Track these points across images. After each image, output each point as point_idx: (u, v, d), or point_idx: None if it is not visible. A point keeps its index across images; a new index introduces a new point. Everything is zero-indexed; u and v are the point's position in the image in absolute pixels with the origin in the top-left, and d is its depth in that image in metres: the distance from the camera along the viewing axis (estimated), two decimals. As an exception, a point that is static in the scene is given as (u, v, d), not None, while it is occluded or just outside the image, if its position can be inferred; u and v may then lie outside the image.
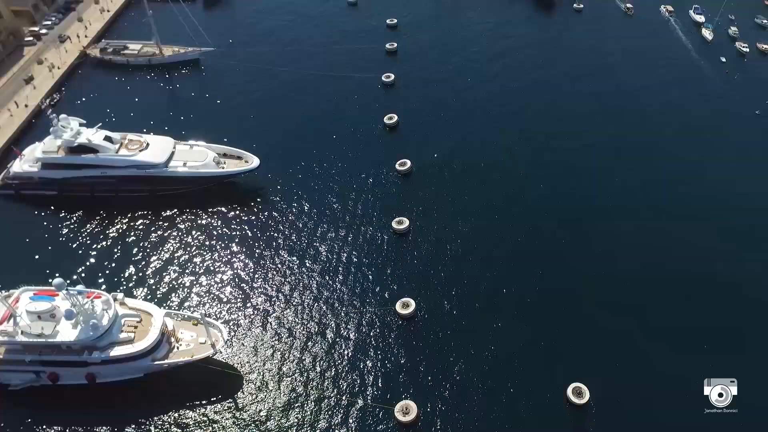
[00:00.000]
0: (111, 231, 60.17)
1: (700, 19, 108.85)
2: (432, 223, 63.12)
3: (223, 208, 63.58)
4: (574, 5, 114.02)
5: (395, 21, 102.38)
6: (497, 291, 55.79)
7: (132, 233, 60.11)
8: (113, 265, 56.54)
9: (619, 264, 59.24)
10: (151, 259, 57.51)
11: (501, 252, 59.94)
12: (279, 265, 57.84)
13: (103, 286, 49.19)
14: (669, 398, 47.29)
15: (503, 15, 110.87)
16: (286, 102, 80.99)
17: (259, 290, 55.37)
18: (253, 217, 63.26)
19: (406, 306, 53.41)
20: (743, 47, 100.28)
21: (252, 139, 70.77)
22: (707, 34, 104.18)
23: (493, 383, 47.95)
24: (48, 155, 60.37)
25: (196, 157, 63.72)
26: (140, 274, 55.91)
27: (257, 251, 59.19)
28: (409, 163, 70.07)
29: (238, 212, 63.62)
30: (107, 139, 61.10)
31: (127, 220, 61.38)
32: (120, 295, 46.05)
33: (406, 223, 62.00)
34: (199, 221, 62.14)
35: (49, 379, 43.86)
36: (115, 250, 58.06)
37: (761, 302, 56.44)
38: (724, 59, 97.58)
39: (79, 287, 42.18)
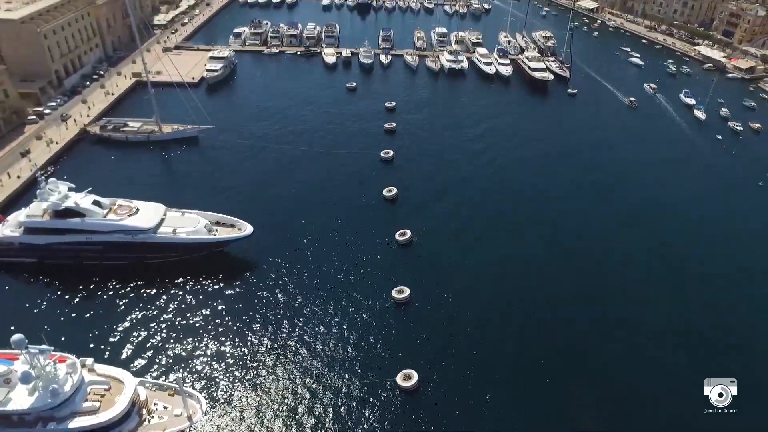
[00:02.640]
0: (92, 299, 56.11)
1: (691, 102, 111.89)
2: (434, 292, 59.51)
3: (213, 277, 59.91)
4: (568, 90, 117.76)
5: (393, 104, 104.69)
6: (501, 361, 51.55)
7: (114, 301, 56.02)
8: (88, 330, 52.06)
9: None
10: (132, 326, 53.03)
11: (503, 320, 56.32)
12: (270, 336, 53.28)
13: (75, 352, 44.32)
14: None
15: (497, 98, 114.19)
16: (284, 176, 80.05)
17: (247, 361, 50.44)
18: (245, 286, 59.52)
19: (407, 378, 48.41)
20: (737, 126, 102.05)
21: (247, 208, 68.62)
22: (700, 114, 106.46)
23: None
24: (32, 219, 57.75)
25: (187, 223, 61.13)
26: (117, 341, 51.31)
27: (247, 321, 54.84)
28: (409, 233, 67.70)
29: (229, 281, 59.92)
30: (96, 203, 58.85)
31: (110, 288, 57.45)
32: (89, 360, 41.36)
33: (407, 292, 58.31)
34: (186, 290, 58.22)
35: (-4, 458, 38.16)
36: (94, 317, 53.71)
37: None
38: (720, 137, 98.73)
39: (43, 346, 37.67)
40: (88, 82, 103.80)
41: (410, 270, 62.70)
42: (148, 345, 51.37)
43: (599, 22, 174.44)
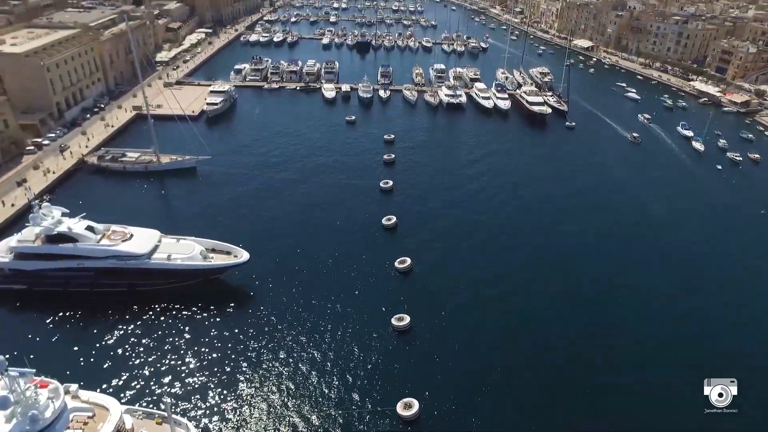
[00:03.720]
0: (81, 325, 54.25)
1: (689, 133, 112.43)
2: (434, 320, 57.67)
3: (207, 305, 58.12)
4: (566, 123, 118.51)
5: (392, 136, 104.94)
6: (504, 390, 49.45)
7: (104, 328, 54.07)
8: (76, 356, 50.03)
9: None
10: (122, 353, 51.02)
11: (506, 349, 54.36)
12: (265, 364, 51.18)
13: (61, 378, 42.22)
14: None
15: (496, 130, 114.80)
16: (283, 205, 79.22)
17: (239, 390, 48.26)
18: (240, 314, 57.66)
19: (408, 407, 46.19)
20: (736, 156, 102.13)
21: (244, 236, 67.38)
22: (698, 145, 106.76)
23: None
24: (23, 244, 56.52)
25: (182, 250, 59.85)
26: (105, 368, 49.24)
27: (241, 349, 52.82)
28: (409, 260, 66.35)
29: (223, 309, 58.19)
30: (89, 228, 57.70)
31: (100, 315, 55.64)
32: (74, 387, 39.25)
33: (407, 319, 56.53)
34: (179, 318, 56.36)
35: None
36: (82, 343, 51.69)
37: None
38: (720, 167, 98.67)
39: (24, 369, 35.71)
40: (88, 115, 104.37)
41: (410, 298, 60.95)
42: (137, 372, 49.29)
43: (594, 59, 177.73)
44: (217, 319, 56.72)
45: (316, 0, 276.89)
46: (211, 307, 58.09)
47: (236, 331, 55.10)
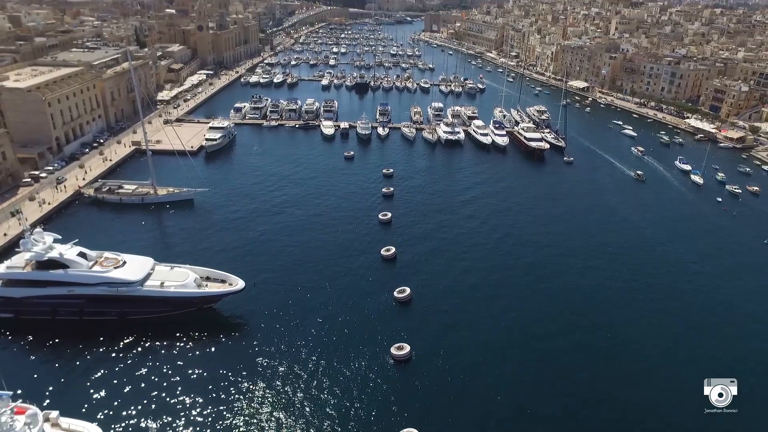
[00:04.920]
0: (68, 354, 52.19)
1: (687, 167, 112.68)
2: (435, 349, 55.73)
3: (200, 335, 56.22)
4: (565, 158, 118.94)
5: (391, 170, 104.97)
6: (506, 419, 47.48)
7: (92, 356, 52.06)
8: (60, 384, 48.01)
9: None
10: (109, 382, 48.77)
11: (507, 378, 52.52)
12: (260, 396, 48.90)
13: (42, 405, 40.04)
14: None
15: (495, 165, 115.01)
16: (280, 236, 78.06)
17: (232, 421, 45.90)
18: (234, 345, 55.74)
19: (408, 438, 43.88)
20: (735, 189, 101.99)
21: (240, 266, 66.06)
22: (697, 179, 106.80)
23: None
24: (12, 270, 55.09)
25: (175, 277, 58.36)
26: (90, 396, 47.10)
27: (234, 380, 50.58)
28: (408, 290, 64.79)
29: (217, 339, 56.29)
30: (81, 255, 56.38)
31: (89, 344, 53.58)
32: (54, 413, 37.23)
33: (407, 348, 54.61)
34: (170, 347, 54.31)
35: None
36: (68, 372, 49.68)
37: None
38: (720, 199, 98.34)
39: (1, 392, 33.85)
40: (87, 150, 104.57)
41: (410, 327, 59.12)
42: (124, 402, 46.94)
43: (590, 99, 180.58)
44: (210, 349, 54.74)
45: (316, 45, 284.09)
46: (204, 337, 56.20)
47: (229, 361, 52.94)
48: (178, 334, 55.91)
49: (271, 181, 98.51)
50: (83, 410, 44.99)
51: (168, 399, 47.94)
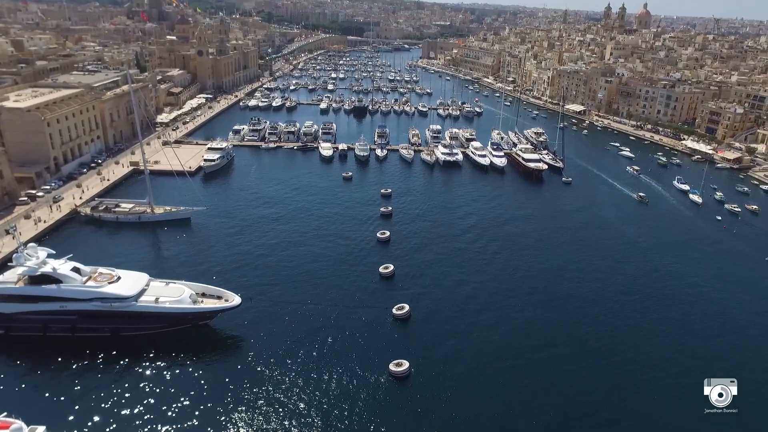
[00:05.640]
0: (59, 370, 50.93)
1: (685, 187, 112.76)
2: (434, 366, 54.63)
3: (195, 352, 55.05)
4: (563, 179, 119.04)
5: (389, 190, 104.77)
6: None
7: (83, 373, 50.75)
8: (49, 400, 46.62)
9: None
10: (100, 400, 47.44)
11: (508, 396, 51.45)
12: (256, 413, 47.66)
13: (30, 420, 38.79)
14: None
15: (493, 185, 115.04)
16: (278, 254, 77.28)
17: (225, 440, 44.52)
18: (229, 362, 54.52)
19: (408, 456, 42.49)
20: (734, 208, 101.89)
21: (237, 283, 65.27)
22: (696, 198, 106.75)
23: None
24: (3, 286, 54.08)
25: (170, 293, 57.39)
26: (81, 412, 45.71)
27: (229, 398, 49.30)
28: (407, 307, 63.88)
29: (212, 356, 55.21)
30: (75, 270, 55.52)
31: (81, 360, 52.32)
32: (40, 429, 36.02)
33: (406, 365, 53.45)
34: (164, 364, 53.02)
35: None
36: (57, 388, 48.30)
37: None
38: (719, 218, 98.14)
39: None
40: (85, 170, 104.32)
41: (409, 344, 58.07)
42: (113, 419, 45.62)
43: (587, 122, 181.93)
44: (205, 366, 53.50)
45: (315, 71, 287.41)
46: (199, 354, 55.07)
47: (225, 378, 51.70)
48: (172, 351, 54.73)
49: (269, 201, 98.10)
50: (72, 427, 43.62)
51: (161, 417, 46.59)
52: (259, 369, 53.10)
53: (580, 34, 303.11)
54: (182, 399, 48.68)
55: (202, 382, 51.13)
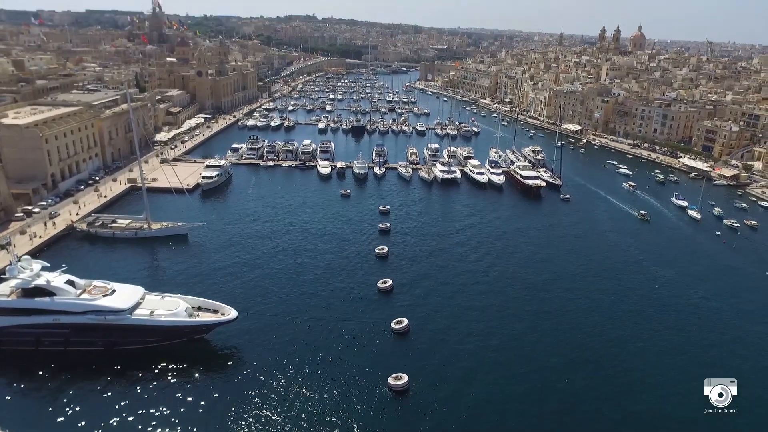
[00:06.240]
0: (50, 386, 49.91)
1: (683, 203, 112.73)
2: (433, 379, 53.76)
3: (190, 367, 54.01)
4: (561, 196, 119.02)
5: (387, 207, 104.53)
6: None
7: (76, 389, 49.69)
8: (40, 416, 45.76)
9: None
10: (93, 416, 46.35)
11: (508, 410, 50.63)
12: (254, 428, 46.57)
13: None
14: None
15: (491, 202, 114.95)
16: (276, 269, 76.58)
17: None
18: (226, 377, 53.54)
19: (407, 470, 41.33)
20: (733, 223, 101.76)
21: (234, 298, 64.43)
22: (695, 214, 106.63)
23: None
24: (-5, 299, 53.29)
25: (166, 306, 56.58)
26: (74, 429, 44.68)
27: (226, 414, 48.23)
28: (405, 321, 63.09)
29: (208, 370, 54.12)
30: (69, 283, 54.78)
31: (73, 375, 51.36)
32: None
33: (405, 378, 52.52)
34: (158, 379, 52.02)
35: None
36: (49, 404, 47.29)
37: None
38: (719, 233, 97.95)
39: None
40: (82, 187, 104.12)
41: (408, 357, 57.30)
42: (106, 436, 44.53)
43: (584, 141, 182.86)
44: (200, 381, 52.51)
45: (313, 92, 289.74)
46: (194, 369, 54.04)
47: (221, 394, 50.67)
48: (167, 366, 53.74)
49: (267, 217, 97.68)
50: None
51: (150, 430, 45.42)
52: (256, 383, 52.08)
53: (576, 56, 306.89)
54: (177, 414, 47.59)
55: (198, 396, 50.07)
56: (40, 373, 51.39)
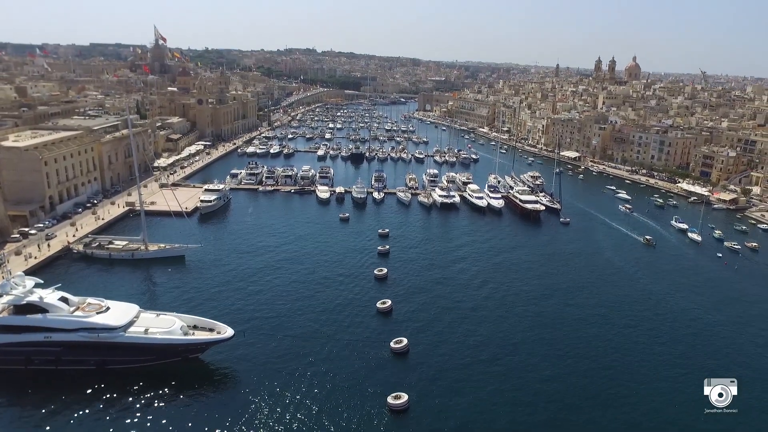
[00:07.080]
0: (40, 405, 48.37)
1: (684, 226, 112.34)
2: (433, 398, 52.58)
3: (185, 386, 52.71)
4: (561, 219, 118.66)
5: (387, 230, 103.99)
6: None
7: (65, 409, 48.20)
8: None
9: None
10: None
11: (508, 422, 49.88)
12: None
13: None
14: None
15: (490, 226, 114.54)
16: (274, 290, 75.61)
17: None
18: (221, 397, 52.20)
19: (407, 491, 39.74)
20: (734, 245, 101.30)
21: (231, 318, 63.31)
22: (695, 236, 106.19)
23: None
24: (-16, 316, 52.21)
25: (160, 324, 55.47)
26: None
27: None
28: (405, 341, 61.97)
29: (203, 390, 52.82)
30: (63, 300, 53.80)
31: (63, 395, 49.88)
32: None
33: (405, 398, 51.19)
34: (152, 399, 50.55)
35: None
36: (40, 425, 45.78)
37: None
38: (720, 255, 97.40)
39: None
40: (80, 210, 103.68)
41: (407, 377, 56.04)
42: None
43: (582, 168, 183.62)
44: (195, 401, 51.18)
45: (312, 121, 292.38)
46: (189, 388, 52.75)
47: (216, 414, 49.23)
48: (160, 386, 52.32)
49: (265, 239, 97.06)
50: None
51: (144, 451, 43.88)
52: (252, 404, 50.65)
53: (573, 86, 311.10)
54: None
55: (192, 417, 48.62)
56: (29, 391, 50.00)
